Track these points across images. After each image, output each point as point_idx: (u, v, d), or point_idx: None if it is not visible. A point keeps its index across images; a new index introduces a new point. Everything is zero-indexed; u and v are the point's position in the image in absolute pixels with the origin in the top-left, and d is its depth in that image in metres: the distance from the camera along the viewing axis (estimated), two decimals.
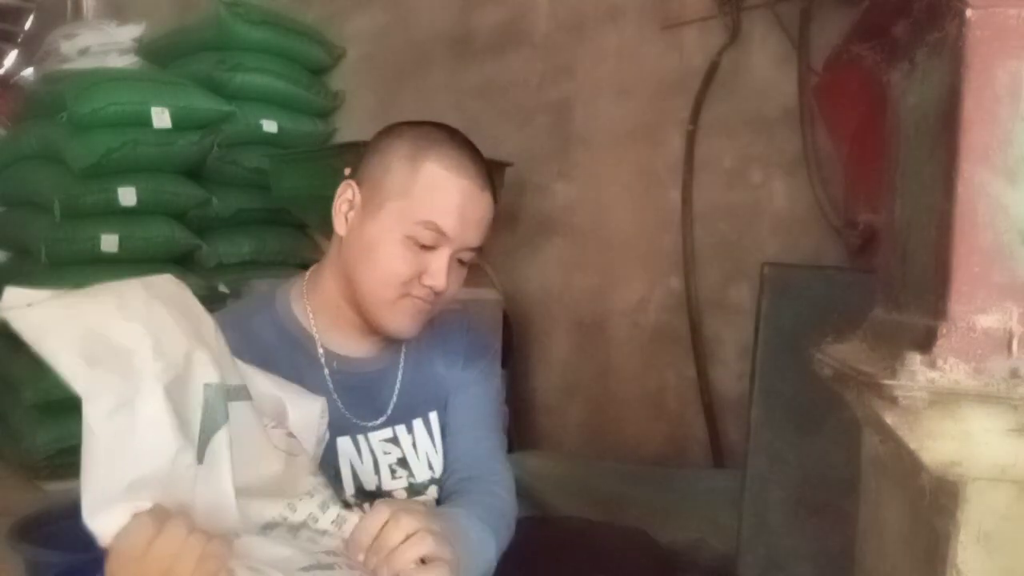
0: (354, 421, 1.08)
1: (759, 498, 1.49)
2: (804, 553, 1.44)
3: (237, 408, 0.74)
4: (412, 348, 1.14)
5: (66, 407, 2.60)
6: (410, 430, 1.12)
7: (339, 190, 1.07)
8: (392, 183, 1.02)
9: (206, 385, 0.70)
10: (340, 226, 1.06)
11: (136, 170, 2.72)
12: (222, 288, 2.74)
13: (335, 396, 1.06)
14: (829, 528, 1.37)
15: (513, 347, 2.45)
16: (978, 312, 0.69)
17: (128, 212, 2.71)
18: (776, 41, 2.13)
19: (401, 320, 1.03)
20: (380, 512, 0.81)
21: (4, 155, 3.03)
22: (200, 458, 0.69)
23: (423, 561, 0.80)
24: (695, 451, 2.26)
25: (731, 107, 2.22)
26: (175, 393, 0.68)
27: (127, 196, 2.69)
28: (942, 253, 0.71)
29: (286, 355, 1.04)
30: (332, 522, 0.80)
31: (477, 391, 1.17)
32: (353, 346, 1.10)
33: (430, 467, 1.13)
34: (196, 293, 0.78)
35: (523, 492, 1.90)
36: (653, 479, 2.05)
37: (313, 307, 1.09)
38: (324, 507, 0.80)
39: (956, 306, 0.70)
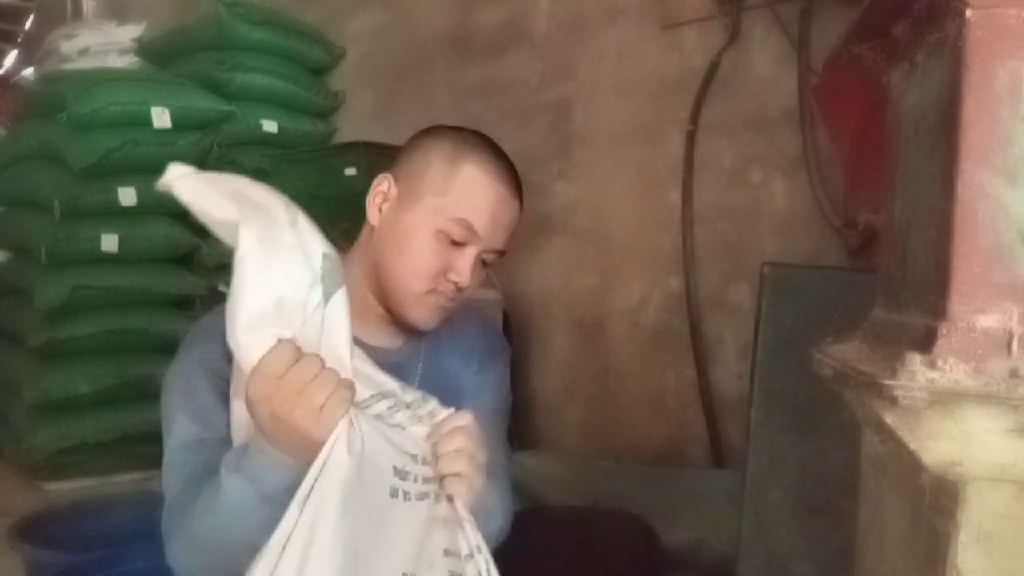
0: None
1: (759, 498, 1.49)
2: (804, 553, 1.44)
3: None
4: (432, 343, 1.16)
5: (66, 407, 2.60)
6: None
7: (375, 182, 1.10)
8: (431, 179, 1.06)
9: (324, 254, 0.80)
10: (373, 216, 1.10)
11: (136, 170, 2.71)
12: (222, 288, 2.73)
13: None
14: (829, 528, 1.37)
15: (513, 347, 2.44)
16: (978, 312, 0.69)
17: (128, 212, 2.71)
18: (776, 41, 2.13)
19: (424, 313, 1.07)
20: (454, 420, 0.89)
21: (4, 155, 3.03)
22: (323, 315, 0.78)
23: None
24: (695, 451, 2.26)
25: (731, 107, 2.22)
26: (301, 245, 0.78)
27: (127, 196, 2.69)
28: (942, 253, 0.71)
29: None
30: (428, 413, 0.89)
31: (487, 399, 1.18)
32: (375, 336, 1.11)
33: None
34: (196, 293, 0.82)
35: (523, 492, 1.91)
36: (653, 479, 2.05)
37: None
38: (426, 399, 0.90)
39: (956, 306, 0.70)
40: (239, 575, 0.76)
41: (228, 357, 0.93)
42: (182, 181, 0.77)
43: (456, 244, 1.04)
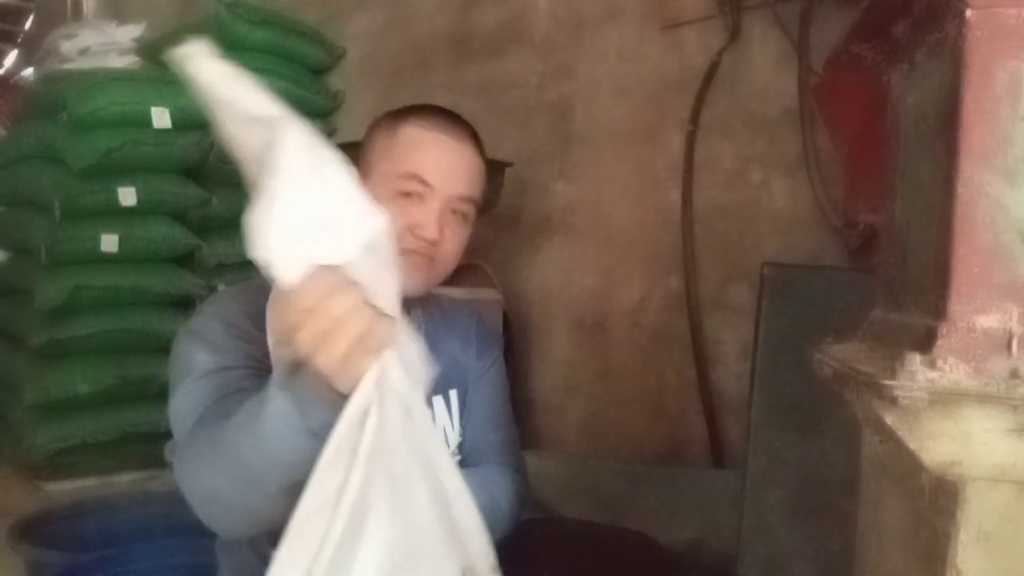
0: None
1: (759, 498, 1.49)
2: (804, 553, 1.44)
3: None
4: (431, 328, 1.16)
5: (66, 407, 2.60)
6: (430, 405, 1.14)
7: None
8: (376, 152, 1.07)
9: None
10: None
11: (136, 170, 2.71)
12: (222, 288, 2.74)
13: None
14: (829, 528, 1.37)
15: (513, 347, 2.45)
16: (978, 312, 0.69)
17: (128, 212, 2.71)
18: (776, 41, 2.13)
19: (403, 276, 1.04)
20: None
21: (4, 155, 3.02)
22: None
23: None
24: (695, 451, 2.26)
25: (731, 107, 2.22)
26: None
27: (127, 196, 2.68)
28: (942, 253, 0.71)
29: None
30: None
31: (490, 385, 1.21)
32: None
33: (447, 444, 1.14)
34: (196, 293, 0.79)
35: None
36: (653, 479, 2.05)
37: None
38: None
39: (956, 306, 0.69)
40: (259, 511, 0.71)
41: (250, 316, 0.93)
42: (207, 61, 0.67)
43: (415, 200, 1.03)
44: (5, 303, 2.90)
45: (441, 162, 1.04)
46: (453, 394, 1.16)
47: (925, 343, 0.70)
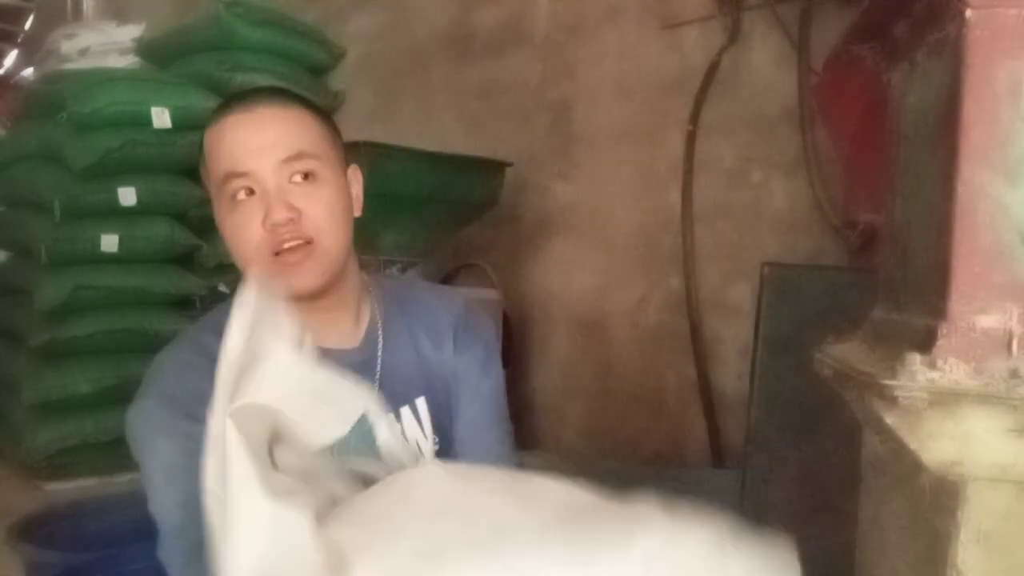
0: None
1: (759, 498, 1.49)
2: (804, 553, 1.44)
3: None
4: (391, 334, 1.10)
5: (66, 407, 2.60)
6: (398, 418, 1.08)
7: None
8: (204, 173, 0.99)
9: None
10: None
11: (136, 170, 2.71)
12: (222, 288, 2.73)
13: None
14: (829, 528, 1.37)
15: (513, 347, 2.45)
16: (978, 312, 0.69)
17: (128, 212, 2.71)
18: (776, 41, 2.13)
19: (287, 278, 0.96)
20: None
21: (4, 155, 3.02)
22: None
23: None
24: (695, 451, 2.26)
25: (731, 107, 2.22)
26: None
27: (127, 196, 2.68)
28: (942, 253, 0.71)
29: None
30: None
31: (477, 379, 1.14)
32: (322, 337, 1.04)
33: (421, 454, 1.12)
34: (196, 293, 0.79)
35: None
36: (653, 479, 2.05)
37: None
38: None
39: (956, 306, 0.70)
40: None
41: (188, 388, 0.93)
42: None
43: (250, 197, 0.94)
44: (5, 303, 2.90)
45: (243, 142, 0.94)
46: (420, 402, 1.10)
47: (925, 343, 0.70)
